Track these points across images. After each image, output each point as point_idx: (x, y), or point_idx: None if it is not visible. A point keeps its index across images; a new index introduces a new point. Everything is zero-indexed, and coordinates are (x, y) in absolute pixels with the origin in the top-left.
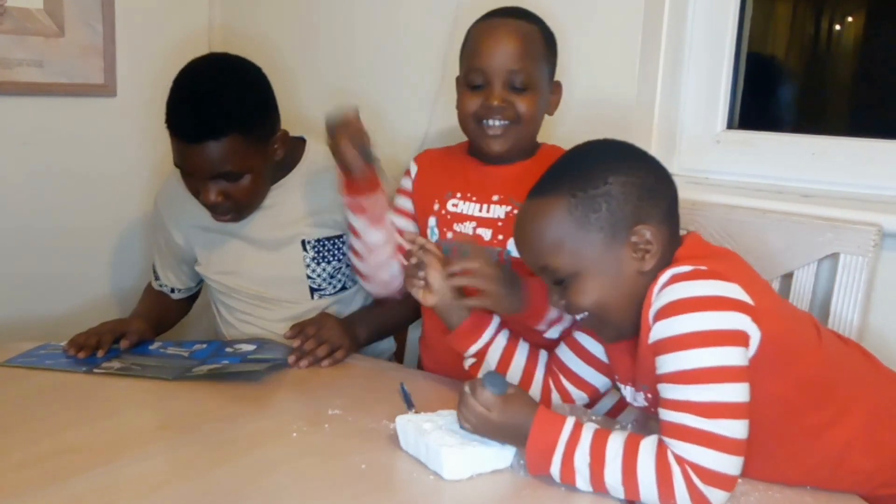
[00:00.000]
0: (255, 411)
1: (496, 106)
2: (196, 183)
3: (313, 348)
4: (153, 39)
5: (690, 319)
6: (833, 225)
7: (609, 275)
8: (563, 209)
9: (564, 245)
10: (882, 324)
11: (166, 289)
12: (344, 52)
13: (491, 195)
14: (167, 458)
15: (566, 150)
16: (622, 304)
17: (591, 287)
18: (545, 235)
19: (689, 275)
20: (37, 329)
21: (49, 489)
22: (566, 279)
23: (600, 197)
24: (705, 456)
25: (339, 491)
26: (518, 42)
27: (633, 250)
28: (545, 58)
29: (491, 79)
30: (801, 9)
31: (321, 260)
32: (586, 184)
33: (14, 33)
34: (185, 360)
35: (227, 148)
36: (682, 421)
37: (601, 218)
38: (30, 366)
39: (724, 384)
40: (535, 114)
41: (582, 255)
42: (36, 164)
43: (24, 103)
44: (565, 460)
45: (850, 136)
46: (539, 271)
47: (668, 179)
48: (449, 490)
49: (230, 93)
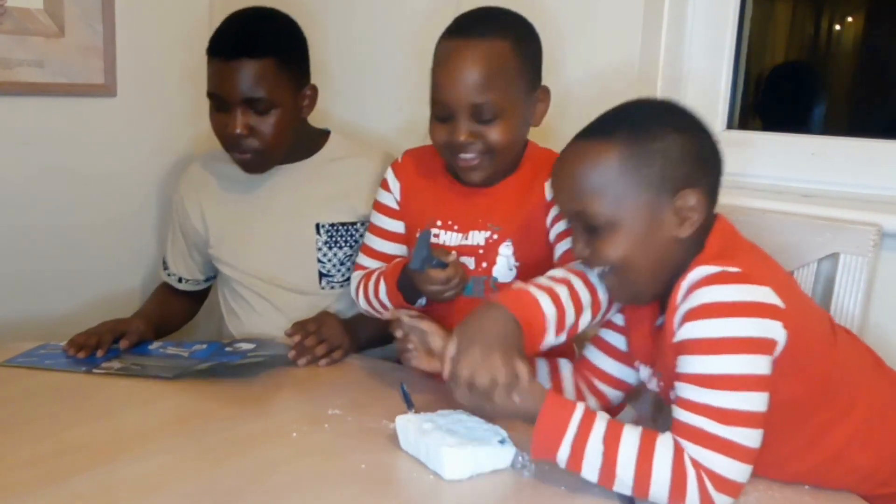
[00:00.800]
0: (255, 411)
1: (463, 142)
2: (225, 115)
3: (313, 345)
4: (153, 40)
5: (721, 324)
6: (833, 225)
7: (644, 232)
8: (615, 156)
9: (608, 192)
10: (882, 323)
11: (173, 278)
12: (345, 51)
13: (473, 220)
14: (167, 458)
15: (617, 106)
16: (648, 265)
17: (624, 241)
18: (591, 178)
19: (722, 277)
20: (36, 329)
21: (49, 489)
22: (600, 228)
23: (657, 152)
24: (720, 463)
25: (339, 491)
26: (480, 70)
27: (675, 213)
28: (518, 74)
29: (455, 113)
30: (801, 9)
31: (333, 245)
32: (645, 135)
33: (14, 33)
34: (184, 360)
35: (262, 70)
36: (700, 425)
37: (652, 173)
38: (29, 366)
39: (746, 392)
40: (509, 140)
41: (623, 207)
42: (36, 165)
43: (25, 103)
44: (576, 445)
45: (850, 136)
46: (572, 215)
47: (721, 154)
48: (449, 490)
49: (273, 22)
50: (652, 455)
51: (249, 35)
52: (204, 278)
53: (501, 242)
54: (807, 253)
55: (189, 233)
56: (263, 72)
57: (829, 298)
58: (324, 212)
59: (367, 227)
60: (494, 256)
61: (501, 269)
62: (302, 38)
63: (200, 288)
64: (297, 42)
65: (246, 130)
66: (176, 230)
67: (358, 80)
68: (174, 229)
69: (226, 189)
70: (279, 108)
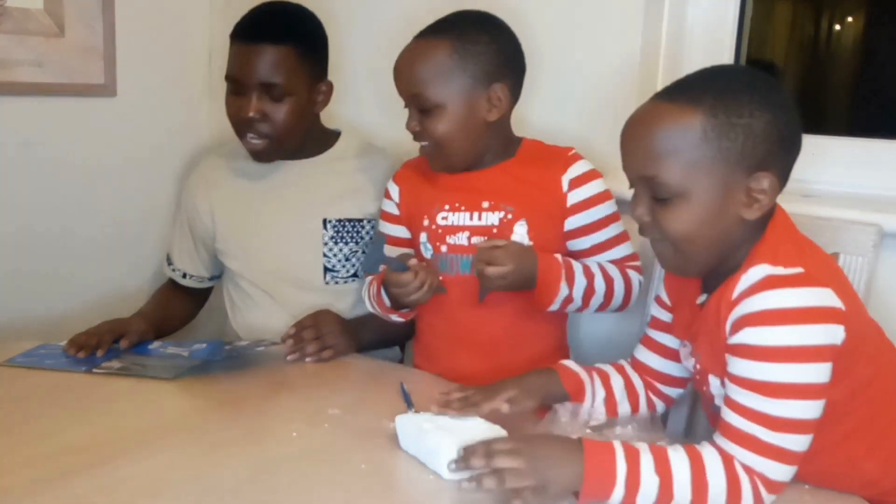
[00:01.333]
0: (255, 411)
1: (411, 132)
2: (240, 98)
3: (308, 339)
4: (153, 39)
5: (784, 332)
6: (833, 225)
7: (713, 209)
8: (697, 125)
9: (683, 161)
10: (882, 323)
11: (178, 274)
12: (345, 52)
13: (480, 202)
14: (167, 458)
15: (707, 67)
16: (711, 242)
17: (691, 215)
18: (667, 143)
19: (785, 280)
20: (36, 329)
21: (49, 489)
22: (668, 197)
23: (741, 127)
24: (772, 468)
25: (338, 490)
26: (414, 66)
27: (747, 194)
28: (456, 69)
29: (406, 103)
30: (801, 9)
31: (339, 240)
32: (732, 108)
33: (14, 33)
34: (184, 359)
35: (281, 56)
36: (753, 432)
37: (732, 149)
38: (29, 366)
39: (804, 401)
40: (452, 130)
41: (696, 180)
42: (36, 164)
43: (25, 103)
44: (629, 484)
45: (850, 136)
46: (639, 179)
47: (801, 137)
48: (449, 490)
49: (298, 13)
50: (704, 472)
51: (273, 21)
52: (208, 276)
53: (516, 221)
54: None
55: (197, 227)
56: (282, 58)
57: None
58: (331, 207)
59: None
60: (509, 235)
61: None
62: (324, 34)
63: (203, 286)
64: (318, 36)
65: (259, 114)
66: (184, 225)
67: (358, 83)
68: (181, 224)
69: (236, 183)
70: (294, 96)
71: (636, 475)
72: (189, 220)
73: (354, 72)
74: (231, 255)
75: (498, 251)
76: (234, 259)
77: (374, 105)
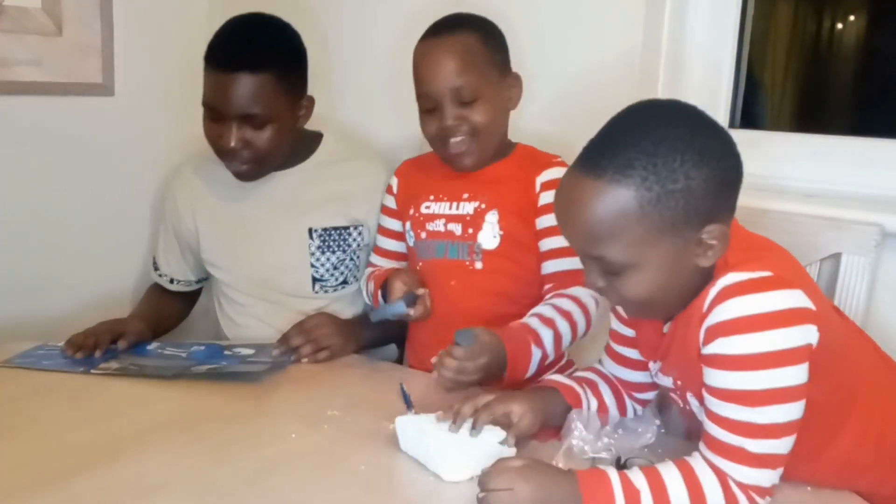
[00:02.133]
0: (255, 412)
1: (450, 125)
2: (220, 126)
3: (298, 344)
4: (152, 38)
5: (758, 339)
6: (835, 225)
7: (667, 268)
8: (632, 201)
9: (626, 238)
10: (884, 323)
11: (165, 279)
12: (344, 52)
13: (461, 194)
14: (167, 458)
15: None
16: (672, 295)
17: (645, 280)
18: (605, 225)
19: (753, 285)
20: (35, 329)
21: (48, 489)
22: (618, 270)
23: (679, 193)
24: (764, 476)
25: (338, 491)
26: (453, 58)
27: (699, 245)
28: (488, 61)
29: (439, 100)
30: (803, 7)
31: (326, 249)
32: (665, 176)
33: (12, 32)
34: (183, 360)
35: (260, 85)
36: (741, 444)
37: (675, 215)
38: (27, 366)
39: (786, 404)
40: (491, 120)
41: (643, 252)
42: (34, 164)
43: (22, 103)
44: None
45: (852, 136)
46: (587, 259)
47: (740, 163)
48: (449, 490)
49: (273, 35)
50: (703, 496)
51: (249, 47)
52: (195, 279)
53: (488, 211)
54: (809, 253)
55: (183, 234)
56: (262, 87)
57: (831, 298)
58: (316, 216)
59: (372, 223)
60: (481, 223)
61: (486, 235)
62: (302, 49)
63: (192, 289)
64: (296, 53)
65: (241, 144)
66: (169, 231)
67: (356, 83)
68: (166, 230)
69: (218, 193)
70: (275, 122)
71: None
72: (174, 227)
73: (355, 73)
74: (217, 266)
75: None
76: (220, 270)
77: (377, 105)
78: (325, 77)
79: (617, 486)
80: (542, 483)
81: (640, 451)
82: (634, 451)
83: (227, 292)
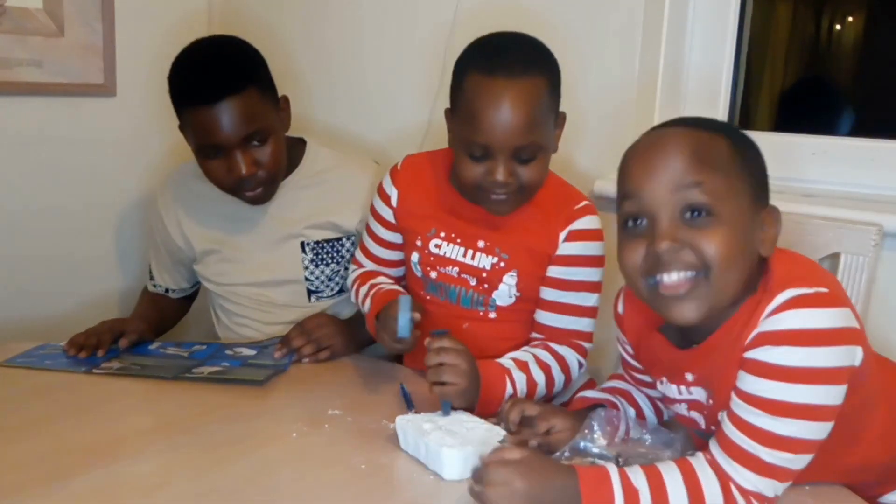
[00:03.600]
0: (255, 411)
1: (501, 182)
2: (224, 160)
3: (301, 345)
4: (153, 39)
5: (807, 354)
6: (834, 225)
7: (743, 235)
8: (729, 147)
9: (724, 175)
10: (883, 324)
11: (160, 289)
12: (344, 52)
13: (476, 240)
14: (167, 458)
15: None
16: (739, 274)
17: (727, 237)
18: (710, 156)
19: (813, 300)
20: (36, 329)
21: (49, 489)
22: (704, 214)
23: (752, 159)
24: (770, 486)
25: (338, 491)
26: (525, 112)
27: (760, 227)
28: (552, 109)
29: (494, 154)
30: (802, 8)
31: (319, 262)
32: (743, 143)
33: (13, 33)
34: (184, 360)
35: (249, 102)
36: (755, 452)
37: (756, 177)
38: (29, 366)
39: (812, 422)
40: (542, 176)
41: (732, 198)
42: (35, 165)
43: (24, 103)
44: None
45: (851, 136)
46: (679, 191)
47: None
48: (449, 490)
49: (236, 52)
50: (702, 498)
51: (224, 73)
52: (190, 286)
53: (507, 271)
54: (808, 253)
55: (172, 250)
56: (251, 102)
57: None
58: (307, 230)
59: (364, 228)
60: (498, 283)
61: (503, 294)
62: (260, 54)
63: (189, 293)
64: (260, 60)
65: (253, 167)
66: (158, 247)
67: (348, 87)
68: (155, 246)
69: (206, 209)
70: (273, 133)
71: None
72: (163, 243)
73: (339, 72)
74: (212, 281)
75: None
76: (215, 284)
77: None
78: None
79: (617, 484)
80: (540, 479)
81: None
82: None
83: (223, 304)
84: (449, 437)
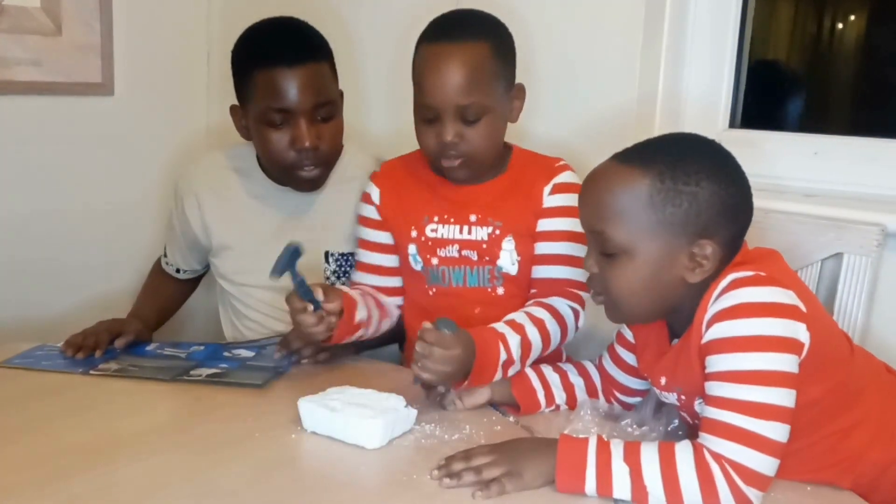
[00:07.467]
0: (254, 412)
1: (449, 142)
2: (287, 130)
3: (300, 347)
4: (151, 38)
5: (751, 323)
6: (836, 225)
7: (655, 269)
8: (645, 186)
9: (630, 221)
10: (885, 324)
11: (171, 268)
12: (344, 52)
13: (468, 214)
14: (166, 459)
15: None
16: (649, 299)
17: (633, 272)
18: (616, 202)
19: (751, 280)
20: (35, 329)
21: (47, 490)
22: (613, 253)
23: (686, 195)
24: (746, 455)
25: (339, 491)
26: (463, 72)
27: (689, 259)
28: (499, 74)
29: (441, 114)
30: (803, 7)
31: (342, 274)
32: (680, 175)
33: (11, 32)
34: (182, 361)
35: (324, 73)
36: (727, 419)
37: (677, 214)
38: (26, 367)
39: (774, 387)
40: (491, 139)
41: (641, 239)
42: (33, 163)
43: (22, 102)
44: (600, 473)
45: (853, 136)
46: (591, 234)
47: (751, 207)
48: (449, 491)
49: (314, 29)
50: (674, 459)
51: (307, 40)
52: (202, 268)
53: (504, 237)
54: (810, 253)
55: (189, 237)
56: (326, 74)
57: (833, 298)
58: (334, 240)
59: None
60: (498, 251)
61: (505, 261)
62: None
63: (197, 275)
64: (325, 42)
65: (316, 141)
66: (175, 230)
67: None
68: (173, 228)
69: (233, 202)
70: (338, 112)
71: (606, 462)
72: (181, 228)
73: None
74: (228, 279)
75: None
76: (231, 283)
77: (372, 101)
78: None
79: (592, 441)
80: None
81: None
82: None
83: (235, 304)
84: (361, 409)
